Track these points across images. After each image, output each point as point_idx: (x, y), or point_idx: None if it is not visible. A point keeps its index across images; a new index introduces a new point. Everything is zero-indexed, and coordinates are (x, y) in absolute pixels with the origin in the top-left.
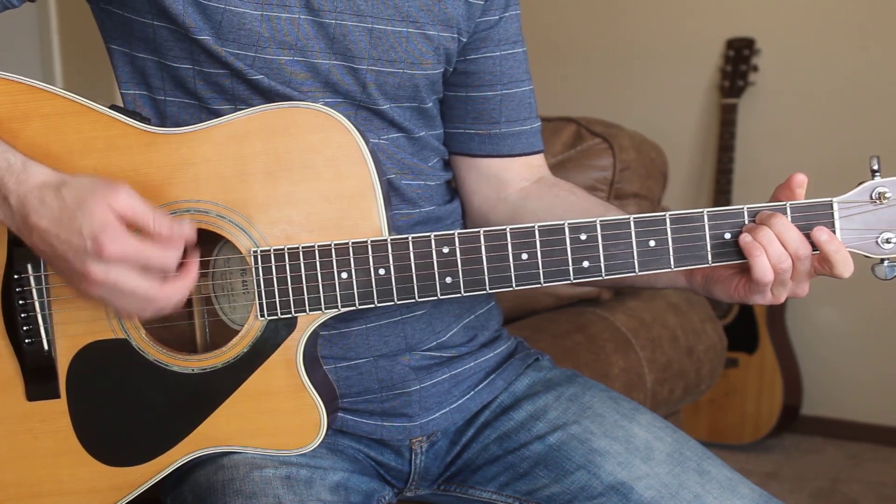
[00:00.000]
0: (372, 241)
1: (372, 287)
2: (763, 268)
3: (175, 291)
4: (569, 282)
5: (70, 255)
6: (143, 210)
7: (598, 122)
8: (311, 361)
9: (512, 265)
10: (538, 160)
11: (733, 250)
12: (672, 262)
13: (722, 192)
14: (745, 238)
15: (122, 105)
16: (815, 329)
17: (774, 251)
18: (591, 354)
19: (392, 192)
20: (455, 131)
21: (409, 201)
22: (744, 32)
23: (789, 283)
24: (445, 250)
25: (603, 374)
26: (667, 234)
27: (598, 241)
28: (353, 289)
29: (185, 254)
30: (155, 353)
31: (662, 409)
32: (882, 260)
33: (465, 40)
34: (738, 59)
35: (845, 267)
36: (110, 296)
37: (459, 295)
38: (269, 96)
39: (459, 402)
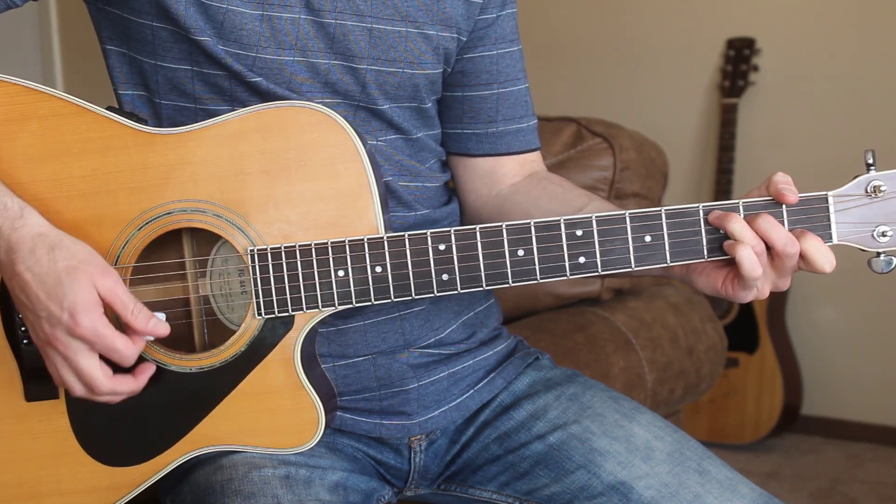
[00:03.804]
0: (368, 239)
1: (369, 285)
2: (751, 262)
3: (119, 388)
4: (565, 277)
5: (43, 316)
6: (125, 300)
7: (598, 121)
8: (309, 360)
9: (508, 262)
10: (533, 156)
11: None
12: (668, 258)
13: (722, 192)
14: (728, 243)
15: (118, 106)
16: (815, 329)
17: (760, 247)
18: (591, 354)
19: (388, 194)
20: (452, 131)
21: (405, 204)
22: (744, 32)
23: (772, 275)
24: (442, 247)
25: (603, 374)
26: (662, 230)
27: (594, 237)
28: (349, 287)
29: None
30: (153, 352)
31: (662, 409)
32: (878, 253)
33: (464, 39)
34: (739, 58)
35: (825, 263)
36: (61, 366)
37: (456, 292)
38: (267, 98)
39: (458, 400)
